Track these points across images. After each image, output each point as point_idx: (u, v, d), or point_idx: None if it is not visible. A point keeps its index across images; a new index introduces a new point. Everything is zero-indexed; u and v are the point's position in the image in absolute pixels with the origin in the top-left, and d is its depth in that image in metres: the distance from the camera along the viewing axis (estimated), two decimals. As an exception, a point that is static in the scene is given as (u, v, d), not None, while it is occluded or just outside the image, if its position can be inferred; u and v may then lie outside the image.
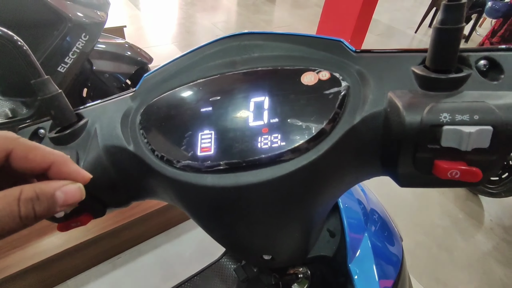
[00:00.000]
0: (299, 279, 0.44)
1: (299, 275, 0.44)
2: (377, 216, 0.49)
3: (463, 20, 0.22)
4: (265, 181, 0.24)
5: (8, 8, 0.82)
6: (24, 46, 0.28)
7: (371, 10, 2.98)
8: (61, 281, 1.10)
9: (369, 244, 0.40)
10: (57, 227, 0.29)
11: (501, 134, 0.20)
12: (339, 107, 0.24)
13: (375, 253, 0.40)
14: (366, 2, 2.80)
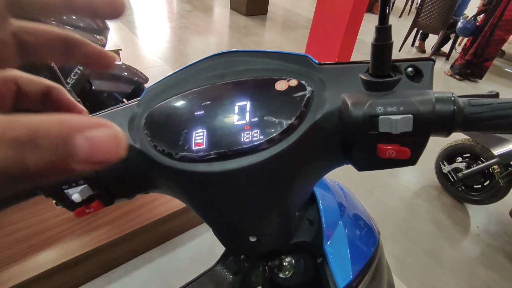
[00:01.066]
0: (284, 267, 0.49)
1: (284, 264, 0.49)
2: (353, 209, 0.55)
3: (391, 38, 0.29)
4: (246, 166, 0.30)
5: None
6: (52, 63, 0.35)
7: (356, 31, 3.15)
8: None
9: (343, 231, 0.46)
10: (74, 213, 0.35)
11: (419, 120, 0.27)
12: (304, 106, 0.31)
13: (348, 238, 0.46)
14: (350, 23, 2.97)
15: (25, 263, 1.02)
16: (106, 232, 1.16)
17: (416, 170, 2.13)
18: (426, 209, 1.83)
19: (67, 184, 0.33)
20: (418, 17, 3.94)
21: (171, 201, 1.32)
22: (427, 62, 0.29)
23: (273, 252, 0.48)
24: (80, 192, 0.32)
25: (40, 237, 1.10)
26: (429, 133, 0.28)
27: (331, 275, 0.41)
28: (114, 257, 1.23)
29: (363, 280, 0.44)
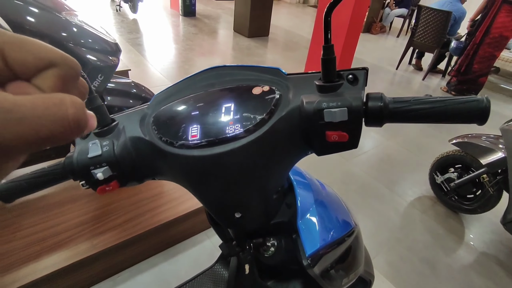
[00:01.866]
0: (267, 247, 0.57)
1: (268, 244, 0.57)
2: (329, 200, 0.63)
3: (334, 53, 0.39)
4: (229, 150, 0.40)
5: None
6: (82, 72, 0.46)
7: (352, 51, 3.31)
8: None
9: (315, 213, 0.55)
10: (97, 190, 0.45)
11: (352, 111, 0.37)
12: (273, 105, 0.41)
13: (319, 219, 0.54)
14: (346, 43, 3.13)
15: (38, 263, 1.11)
16: (113, 236, 1.25)
17: (411, 182, 2.20)
18: (421, 218, 1.88)
19: (93, 166, 0.43)
20: (413, 37, 4.11)
21: (173, 208, 1.41)
22: (361, 71, 0.40)
23: (257, 232, 0.56)
24: (103, 172, 0.42)
25: (53, 240, 1.19)
26: (361, 121, 0.38)
27: (301, 245, 0.50)
28: (119, 260, 1.31)
29: (329, 252, 0.52)
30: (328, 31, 0.38)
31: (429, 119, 0.37)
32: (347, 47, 3.15)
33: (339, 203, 0.68)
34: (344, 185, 2.08)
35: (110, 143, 0.44)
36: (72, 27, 1.13)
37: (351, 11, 2.87)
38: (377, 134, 2.77)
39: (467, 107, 0.35)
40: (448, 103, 0.36)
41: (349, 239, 0.61)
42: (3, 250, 1.13)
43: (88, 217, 1.32)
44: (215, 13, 6.89)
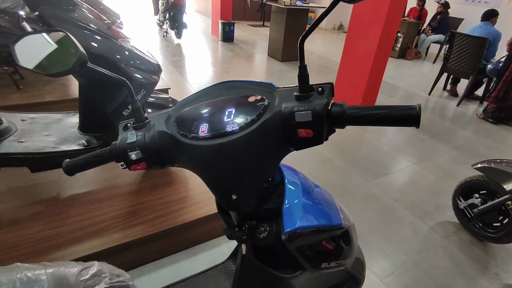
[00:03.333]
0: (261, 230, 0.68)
1: (261, 228, 0.69)
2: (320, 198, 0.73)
3: (306, 71, 0.52)
4: (227, 141, 0.54)
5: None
6: (131, 86, 0.63)
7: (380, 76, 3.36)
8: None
9: (300, 202, 0.65)
10: (131, 168, 0.61)
11: (315, 114, 0.49)
12: (262, 110, 0.55)
13: (303, 207, 0.65)
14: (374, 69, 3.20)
15: (80, 245, 1.32)
16: (142, 229, 1.43)
17: (434, 206, 2.16)
18: (442, 243, 1.84)
19: (129, 149, 0.59)
20: (447, 63, 4.06)
21: (195, 210, 1.57)
22: (327, 85, 0.52)
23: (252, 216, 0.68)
24: (136, 154, 0.59)
25: (93, 228, 1.40)
26: (322, 121, 0.50)
27: (282, 223, 0.61)
28: (146, 253, 1.49)
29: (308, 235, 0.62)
30: (302, 55, 0.51)
31: (375, 122, 0.49)
32: (374, 72, 3.22)
33: (330, 202, 0.77)
34: (363, 205, 2.10)
35: (143, 134, 0.60)
36: (124, 51, 1.39)
37: (379, 37, 2.96)
38: (403, 158, 2.76)
39: (403, 113, 0.46)
40: (389, 110, 0.47)
41: (335, 231, 0.70)
42: (55, 232, 1.35)
43: (122, 212, 1.52)
44: (251, 38, 7.31)
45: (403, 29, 6.34)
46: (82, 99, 1.42)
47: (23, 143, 1.34)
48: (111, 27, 1.40)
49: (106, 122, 1.42)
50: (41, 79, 2.83)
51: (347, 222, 0.76)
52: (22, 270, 0.56)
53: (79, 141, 1.44)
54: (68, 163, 0.64)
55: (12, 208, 1.45)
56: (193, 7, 10.93)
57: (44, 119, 1.58)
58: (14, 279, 0.53)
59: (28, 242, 1.27)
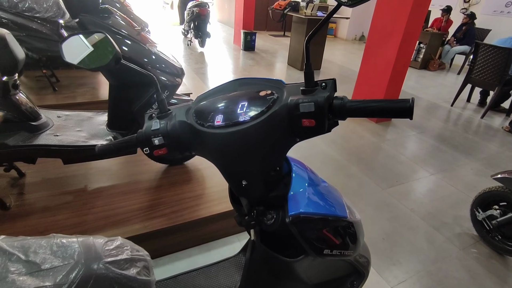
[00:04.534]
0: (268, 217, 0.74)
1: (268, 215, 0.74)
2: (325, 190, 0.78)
3: (311, 69, 0.59)
4: (239, 129, 0.61)
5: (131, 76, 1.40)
6: (157, 81, 0.72)
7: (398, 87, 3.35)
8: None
9: (305, 191, 0.70)
10: (154, 152, 0.68)
11: (317, 105, 0.55)
12: (271, 103, 0.61)
13: (307, 196, 0.70)
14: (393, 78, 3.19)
15: (103, 233, 1.42)
16: (160, 222, 1.52)
17: (452, 217, 2.11)
18: (458, 255, 1.80)
19: (153, 135, 0.67)
20: (471, 73, 3.97)
21: (210, 207, 1.65)
22: (330, 80, 0.58)
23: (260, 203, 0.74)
24: (159, 140, 0.67)
25: (115, 218, 1.51)
26: (324, 111, 0.55)
27: (287, 208, 0.66)
28: (163, 245, 1.57)
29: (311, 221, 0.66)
30: (308, 54, 0.58)
31: (373, 114, 0.54)
32: (393, 82, 3.21)
33: (336, 195, 0.81)
34: (377, 212, 2.10)
35: (165, 123, 0.68)
36: (152, 55, 1.51)
37: (398, 47, 2.97)
38: (421, 168, 2.71)
39: (397, 106, 0.51)
40: (385, 102, 0.52)
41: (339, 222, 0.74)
42: (81, 220, 1.46)
43: (142, 205, 1.62)
44: (272, 48, 7.45)
45: (426, 40, 6.25)
46: (111, 98, 1.54)
47: (58, 137, 1.47)
48: (141, 33, 1.53)
49: (132, 120, 1.53)
50: (74, 82, 3.05)
51: (353, 217, 0.79)
52: (58, 238, 0.64)
53: (106, 137, 1.56)
54: (100, 147, 0.73)
55: (45, 197, 1.59)
56: (216, 17, 11.30)
57: (76, 116, 1.73)
58: (52, 243, 0.62)
59: (57, 228, 1.39)
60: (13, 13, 2.44)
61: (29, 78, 3.05)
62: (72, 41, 0.76)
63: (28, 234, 1.36)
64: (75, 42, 0.74)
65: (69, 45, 0.75)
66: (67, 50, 0.74)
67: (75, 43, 0.74)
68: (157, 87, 0.73)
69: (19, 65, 1.30)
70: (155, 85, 0.73)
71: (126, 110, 1.49)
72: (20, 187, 1.65)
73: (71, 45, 0.75)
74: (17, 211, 1.48)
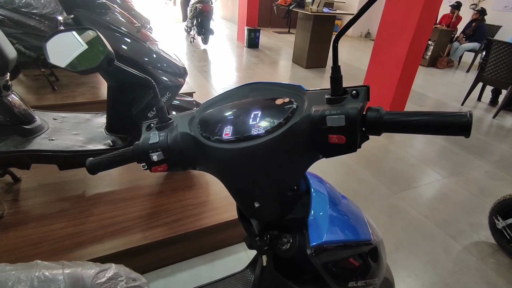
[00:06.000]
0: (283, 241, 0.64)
1: (284, 239, 0.65)
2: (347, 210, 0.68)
3: (340, 73, 0.48)
4: (251, 145, 0.51)
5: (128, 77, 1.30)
6: (155, 86, 0.62)
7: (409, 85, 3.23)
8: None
9: (327, 214, 0.61)
10: (152, 169, 0.59)
11: (348, 118, 0.45)
12: (290, 113, 0.51)
13: (329, 220, 0.60)
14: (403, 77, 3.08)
15: (101, 245, 1.33)
16: (162, 231, 1.42)
17: (469, 224, 2.00)
18: (477, 266, 1.70)
19: (151, 150, 0.57)
20: (482, 72, 3.83)
21: (214, 215, 1.55)
22: (362, 88, 0.48)
23: (274, 226, 0.64)
24: (157, 155, 0.57)
25: (114, 227, 1.41)
26: (356, 127, 0.45)
27: (308, 236, 0.56)
28: (164, 256, 1.48)
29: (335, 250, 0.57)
30: (336, 55, 0.48)
31: (417, 129, 0.44)
32: (403, 80, 3.09)
33: (358, 215, 0.72)
34: (389, 219, 2.00)
35: (165, 135, 0.59)
36: (152, 53, 1.41)
37: (408, 44, 2.85)
38: (433, 171, 2.61)
39: (450, 120, 0.41)
40: (433, 115, 0.42)
41: (363, 247, 0.65)
42: (78, 230, 1.37)
43: (143, 213, 1.53)
44: (276, 45, 7.33)
45: (434, 37, 6.09)
46: (109, 100, 1.45)
47: (53, 141, 1.39)
48: (141, 30, 1.43)
49: (132, 123, 1.44)
50: (74, 82, 2.97)
51: (376, 237, 0.70)
52: (41, 268, 0.55)
53: (105, 141, 1.47)
54: (91, 161, 0.64)
55: (41, 204, 1.50)
56: (220, 14, 11.17)
57: (74, 118, 1.64)
58: (33, 277, 0.53)
59: (52, 239, 1.30)
60: (10, 9, 2.35)
61: (28, 77, 2.97)
62: (60, 39, 0.66)
63: (21, 245, 1.29)
64: (62, 41, 0.65)
65: (56, 44, 0.65)
66: (54, 50, 0.64)
67: (62, 43, 0.65)
68: (156, 92, 0.63)
69: (10, 65, 1.21)
70: (153, 90, 0.63)
71: (125, 113, 1.40)
72: (15, 193, 1.56)
73: (58, 44, 0.66)
74: (11, 219, 1.39)
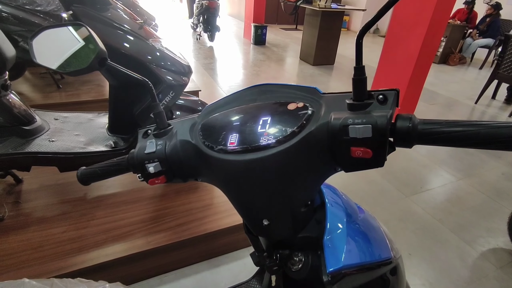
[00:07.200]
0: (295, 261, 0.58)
1: (295, 258, 0.58)
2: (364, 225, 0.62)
3: (364, 74, 0.41)
4: (260, 157, 0.44)
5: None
6: (152, 88, 0.56)
7: (421, 83, 3.11)
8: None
9: (345, 233, 0.54)
10: (149, 182, 0.53)
11: (376, 129, 0.38)
12: (305, 120, 0.44)
13: (347, 239, 0.53)
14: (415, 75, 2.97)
15: (102, 250, 1.28)
16: (165, 236, 1.37)
17: (485, 230, 1.91)
18: (495, 274, 1.61)
19: (147, 160, 0.51)
20: (498, 68, 3.69)
21: (219, 220, 1.49)
22: (391, 92, 0.41)
23: (285, 244, 0.58)
24: (154, 166, 0.51)
25: (116, 232, 1.36)
26: (385, 139, 0.38)
27: (324, 261, 0.50)
28: (168, 261, 1.43)
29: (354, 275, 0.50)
30: (360, 53, 0.40)
31: (460, 142, 0.37)
32: (415, 78, 2.98)
33: (377, 230, 0.65)
34: (401, 223, 1.91)
35: (163, 143, 0.52)
36: (156, 51, 1.35)
37: (421, 41, 2.74)
38: (446, 172, 2.51)
39: (501, 133, 0.34)
40: (482, 127, 0.35)
41: (384, 268, 0.58)
42: (79, 234, 1.33)
43: (146, 217, 1.48)
44: (283, 42, 7.22)
45: (447, 32, 5.91)
46: (111, 100, 1.40)
47: (53, 143, 1.34)
48: (143, 27, 1.37)
49: (134, 124, 1.39)
50: (79, 80, 2.94)
51: (396, 254, 0.63)
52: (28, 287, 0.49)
53: (106, 142, 1.43)
54: (83, 171, 0.58)
55: (41, 206, 1.47)
56: (226, 11, 11.08)
57: (75, 118, 1.59)
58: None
59: (52, 243, 1.26)
60: (14, 7, 2.32)
61: (34, 75, 2.95)
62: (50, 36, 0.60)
63: (21, 249, 1.25)
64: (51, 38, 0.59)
65: (45, 42, 0.59)
66: (41, 49, 0.58)
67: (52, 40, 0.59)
68: (153, 95, 0.57)
69: (8, 64, 1.16)
70: (150, 93, 0.57)
71: (127, 113, 1.35)
72: (16, 194, 1.53)
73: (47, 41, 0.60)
74: (11, 222, 1.36)
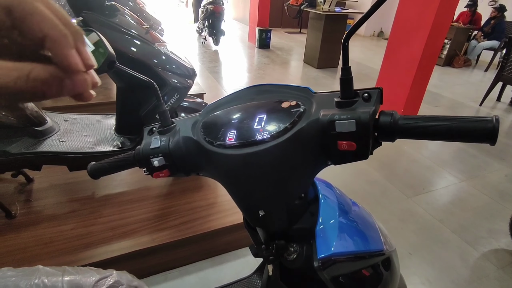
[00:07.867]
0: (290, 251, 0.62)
1: (291, 249, 0.62)
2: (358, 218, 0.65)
3: (350, 74, 0.45)
4: (256, 151, 0.48)
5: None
6: (157, 89, 0.61)
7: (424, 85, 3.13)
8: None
9: (336, 224, 0.58)
10: (153, 175, 0.57)
11: (360, 123, 0.42)
12: (297, 117, 0.48)
13: (339, 230, 0.57)
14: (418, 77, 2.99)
15: (109, 246, 1.33)
16: (169, 234, 1.42)
17: (487, 231, 1.92)
18: (496, 275, 1.62)
19: (152, 155, 0.56)
20: (502, 70, 3.68)
21: (223, 218, 1.53)
22: (375, 90, 0.45)
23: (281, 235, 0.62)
24: (159, 161, 0.55)
25: (122, 229, 1.41)
26: (368, 133, 0.42)
27: (315, 248, 0.53)
28: (172, 259, 1.47)
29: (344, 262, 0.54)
30: (346, 55, 0.44)
31: (436, 136, 0.40)
32: (418, 80, 3.00)
33: (371, 224, 0.68)
34: (402, 224, 1.93)
35: (167, 139, 0.57)
36: (161, 55, 1.40)
37: (424, 43, 2.76)
38: (449, 173, 2.51)
39: (474, 126, 0.37)
40: (455, 121, 0.39)
41: (376, 259, 0.61)
42: (87, 231, 1.38)
43: (151, 215, 1.53)
44: (287, 45, 7.28)
45: (451, 35, 5.91)
46: (118, 101, 1.46)
47: (63, 143, 1.40)
48: (150, 31, 1.43)
49: (140, 124, 1.43)
50: (87, 83, 3.01)
51: (389, 247, 0.66)
52: (42, 274, 0.54)
53: (114, 142, 1.48)
54: (92, 166, 0.63)
55: (51, 204, 1.52)
56: (231, 15, 11.19)
57: (84, 120, 1.65)
58: (32, 284, 0.52)
59: (62, 239, 1.31)
60: (26, 13, 2.40)
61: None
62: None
63: (32, 244, 1.31)
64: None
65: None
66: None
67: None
68: (158, 95, 0.61)
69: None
70: (155, 93, 0.61)
71: (134, 114, 1.40)
72: (27, 193, 1.59)
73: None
74: (23, 219, 1.42)
